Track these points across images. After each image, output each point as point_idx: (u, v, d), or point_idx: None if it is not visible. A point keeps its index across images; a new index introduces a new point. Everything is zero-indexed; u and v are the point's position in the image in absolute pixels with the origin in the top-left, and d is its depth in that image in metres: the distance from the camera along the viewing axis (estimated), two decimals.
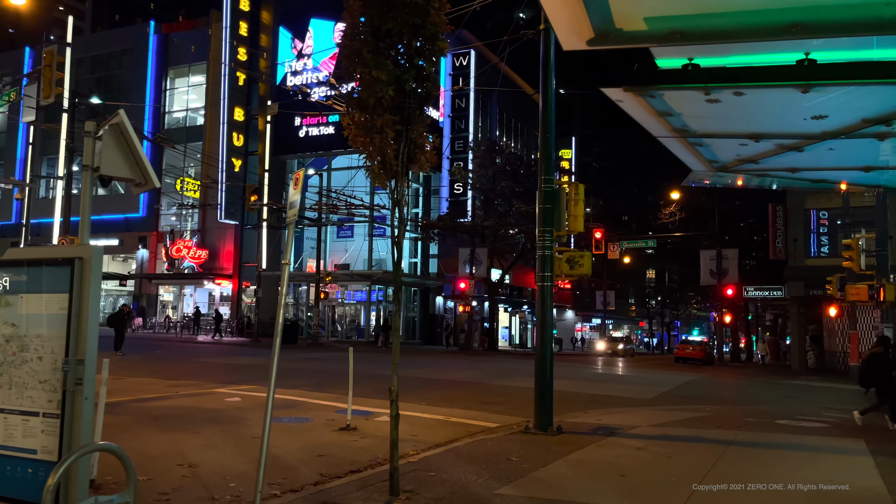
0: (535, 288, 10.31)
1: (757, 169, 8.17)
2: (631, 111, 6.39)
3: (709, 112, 6.21)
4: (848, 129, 6.22)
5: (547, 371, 10.13)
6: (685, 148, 7.46)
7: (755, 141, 6.84)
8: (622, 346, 49.57)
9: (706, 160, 7.91)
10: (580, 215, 10.31)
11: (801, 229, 29.86)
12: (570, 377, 20.39)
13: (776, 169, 8.08)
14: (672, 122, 6.52)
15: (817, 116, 6.00)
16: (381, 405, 12.25)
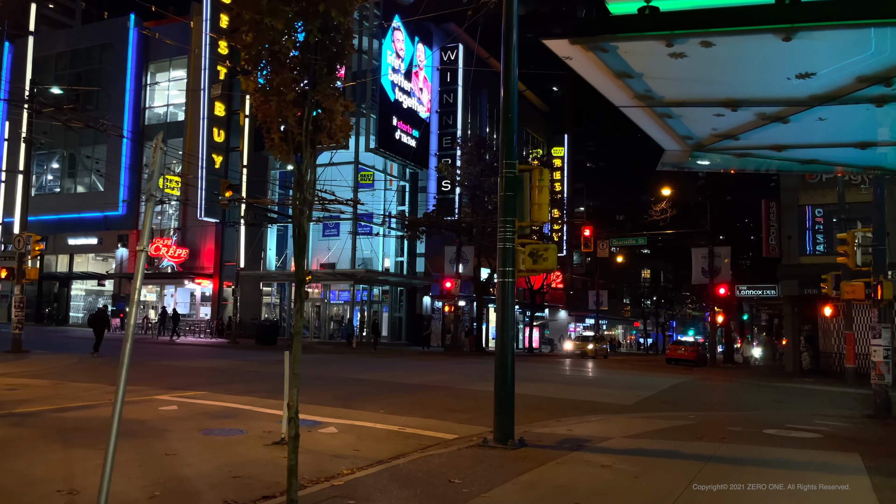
0: (497, 285, 9.27)
1: (738, 147, 7.14)
2: (583, 71, 5.35)
3: (675, 72, 5.17)
4: (840, 91, 5.20)
5: (508, 377, 9.10)
6: (654, 122, 6.42)
7: (732, 110, 5.80)
8: (592, 346, 43.66)
9: (679, 136, 6.88)
10: (545, 203, 9.29)
11: (795, 226, 28.88)
12: (551, 380, 19.38)
13: (760, 147, 7.05)
14: (633, 87, 5.48)
15: (803, 75, 4.98)
16: (336, 414, 11.24)
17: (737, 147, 7.20)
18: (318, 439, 9.04)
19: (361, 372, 19.05)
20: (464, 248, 37.37)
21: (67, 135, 45.91)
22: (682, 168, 8.45)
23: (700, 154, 7.69)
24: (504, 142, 9.43)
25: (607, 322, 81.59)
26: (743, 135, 6.63)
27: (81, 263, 46.50)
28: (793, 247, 28.59)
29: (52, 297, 47.10)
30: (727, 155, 7.66)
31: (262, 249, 40.56)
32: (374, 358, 27.02)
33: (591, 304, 61.02)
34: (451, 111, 44.52)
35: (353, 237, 38.11)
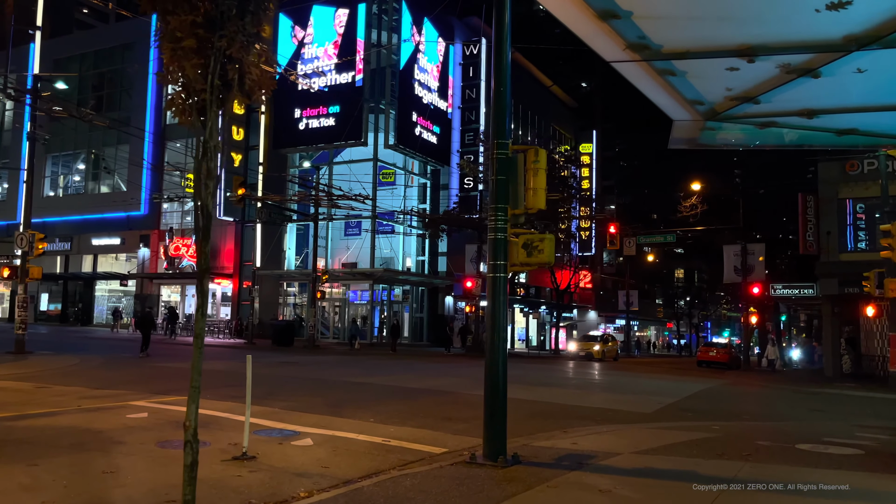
0: (488, 280, 8.22)
1: (760, 115, 5.98)
2: (560, 12, 4.27)
3: (672, 7, 4.07)
4: (883, 28, 4.06)
5: (499, 385, 8.04)
6: (655, 82, 5.31)
7: (748, 61, 4.68)
8: (598, 347, 38.15)
9: (687, 102, 5.76)
10: (541, 188, 8.20)
11: (834, 221, 27.19)
12: (567, 385, 18.22)
13: (786, 113, 5.89)
14: (623, 32, 4.40)
15: (834, 5, 3.83)
16: (320, 423, 10.28)
17: (758, 114, 6.05)
18: (287, 453, 8.09)
19: (367, 375, 18.12)
20: (485, 247, 36.20)
21: (91, 135, 46.08)
22: (697, 146, 7.30)
23: (716, 125, 6.55)
24: (495, 118, 8.38)
25: (639, 323, 79.66)
26: (765, 96, 5.48)
27: (105, 264, 46.53)
28: (832, 243, 26.91)
29: (77, 297, 47.22)
30: (748, 125, 6.50)
31: (282, 249, 39.97)
32: (388, 360, 26.09)
33: (622, 305, 59.40)
34: (473, 107, 43.45)
35: (372, 235, 37.31)
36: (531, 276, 52.42)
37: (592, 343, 38.95)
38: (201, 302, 4.29)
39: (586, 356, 37.08)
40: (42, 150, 48.51)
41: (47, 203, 48.39)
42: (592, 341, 39.58)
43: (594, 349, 37.66)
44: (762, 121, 6.19)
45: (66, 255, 47.18)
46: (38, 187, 48.61)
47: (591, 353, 37.42)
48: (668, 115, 6.36)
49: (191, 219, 42.94)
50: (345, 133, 36.63)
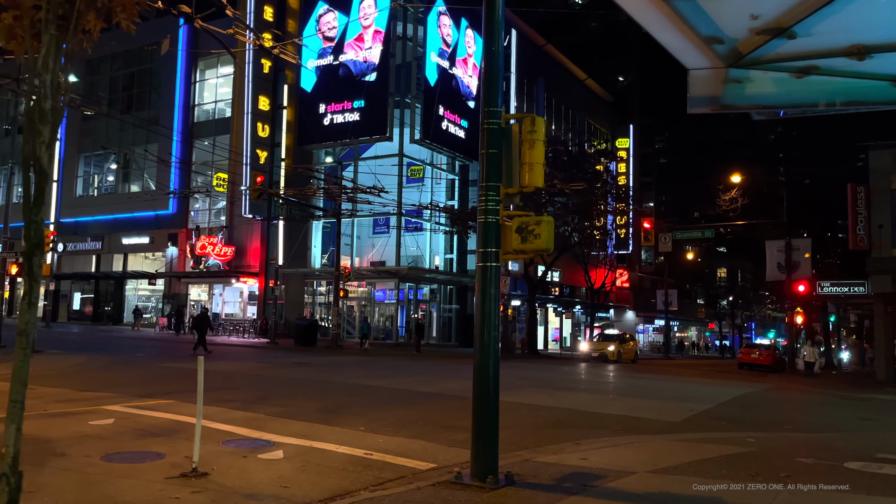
0: (477, 270, 7.10)
1: (795, 56, 4.76)
2: None
3: None
4: None
5: (489, 391, 6.93)
6: (661, 13, 4.14)
7: None
8: (614, 348, 34.14)
9: (703, 40, 4.57)
10: (539, 163, 7.07)
11: (887, 213, 25.24)
12: (591, 389, 16.92)
13: (829, 52, 4.66)
14: None
15: None
16: (303, 431, 9.22)
17: (794, 55, 4.81)
18: (247, 469, 7.09)
19: (379, 378, 17.12)
20: None
21: (122, 135, 46.20)
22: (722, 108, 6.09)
23: (741, 75, 5.33)
24: (486, 83, 7.28)
25: (679, 323, 77.30)
26: (801, 26, 4.26)
27: (136, 263, 46.57)
28: (885, 237, 25.00)
29: (109, 296, 47.39)
30: (782, 74, 5.25)
31: (307, 247, 39.31)
32: (409, 361, 25.07)
33: (660, 305, 57.38)
34: (504, 100, 42.15)
35: (398, 232, 36.38)
36: (565, 275, 50.92)
37: (607, 343, 35.09)
38: (29, 287, 3.27)
39: (600, 357, 33.58)
40: (74, 151, 49.01)
41: (80, 203, 48.76)
42: (608, 341, 35.76)
43: (609, 350, 34.01)
44: (800, 65, 4.94)
45: (97, 255, 47.40)
46: (70, 187, 49.07)
47: (605, 354, 33.80)
48: (683, 64, 5.15)
49: (223, 217, 42.68)
50: (369, 128, 35.78)
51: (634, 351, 37.26)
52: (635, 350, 37.63)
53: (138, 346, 26.57)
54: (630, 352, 36.09)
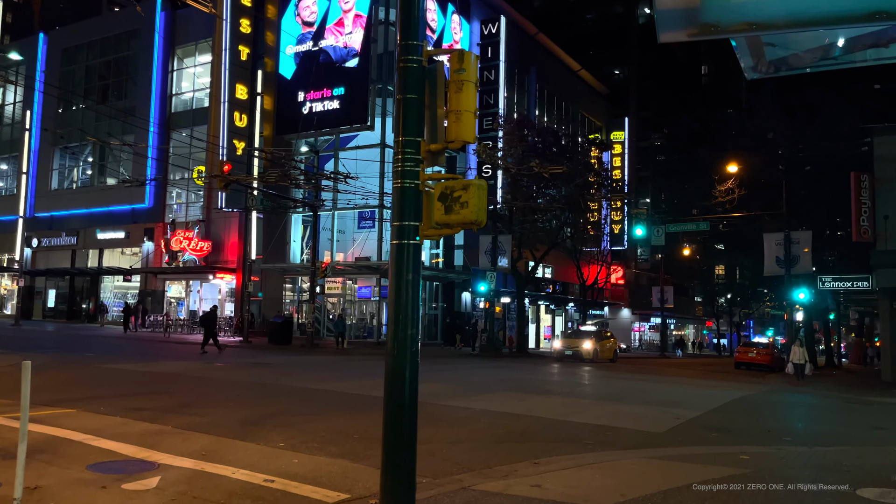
0: (391, 249, 5.53)
1: None
2: None
3: None
4: None
5: (404, 406, 5.37)
6: None
7: None
8: (590, 345, 30.13)
9: None
10: (469, 110, 5.50)
11: (893, 203, 23.69)
12: (567, 393, 15.35)
13: None
14: None
15: None
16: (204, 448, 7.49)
17: None
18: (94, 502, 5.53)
19: (336, 380, 15.55)
20: (500, 238, 33.39)
21: (98, 126, 44.54)
22: (700, 31, 4.60)
23: None
24: (402, 9, 5.68)
25: (676, 321, 75.80)
26: None
27: (112, 258, 44.99)
28: (891, 229, 23.46)
29: (85, 293, 45.79)
30: None
31: (286, 241, 37.69)
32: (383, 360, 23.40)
33: (655, 302, 55.84)
34: (492, 89, 40.61)
35: (380, 225, 34.78)
36: (558, 272, 49.36)
37: (582, 340, 30.81)
38: None
39: (574, 356, 29.60)
40: (49, 142, 47.35)
41: (55, 196, 47.17)
42: (582, 338, 31.35)
43: (584, 348, 29.84)
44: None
45: (73, 250, 45.81)
46: (45, 181, 47.46)
47: (579, 352, 29.72)
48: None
49: (198, 211, 41.06)
50: (350, 117, 34.19)
51: (613, 349, 33.52)
52: (614, 348, 33.95)
53: (101, 345, 25.01)
54: (608, 350, 32.39)
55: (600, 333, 33.37)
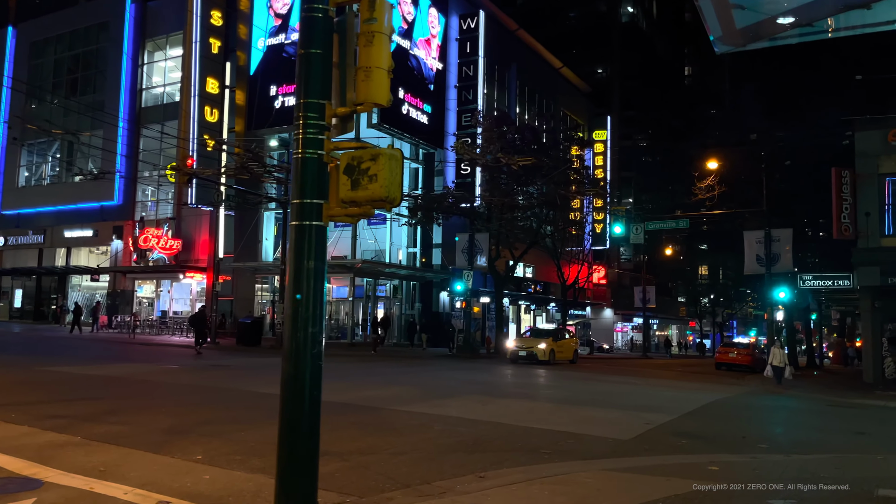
0: (290, 231, 4.68)
1: None
2: None
3: None
4: None
5: (302, 416, 4.53)
6: None
7: None
8: (544, 346, 27.20)
9: None
10: (380, 67, 4.66)
11: (875, 201, 23.12)
12: (535, 396, 14.54)
13: None
14: None
15: None
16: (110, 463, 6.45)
17: None
18: None
19: None
20: (477, 237, 32.57)
21: (66, 120, 43.24)
22: None
23: None
24: None
25: (658, 322, 75.43)
26: None
27: (81, 257, 43.72)
28: (872, 226, 22.89)
29: (52, 292, 44.47)
30: None
31: (258, 240, 36.70)
32: (353, 363, 22.57)
33: (638, 302, 55.29)
34: (471, 85, 39.82)
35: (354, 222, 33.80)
36: (539, 271, 48.66)
37: (537, 340, 27.87)
38: None
39: (528, 357, 26.76)
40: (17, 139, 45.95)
41: (23, 194, 45.87)
42: (538, 338, 28.41)
43: (539, 348, 26.92)
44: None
45: (40, 249, 44.48)
46: (12, 177, 46.11)
47: (534, 353, 26.83)
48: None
49: (169, 208, 39.92)
50: None
51: (573, 349, 30.64)
52: (574, 348, 31.02)
53: (58, 346, 23.92)
54: (567, 350, 29.63)
55: (558, 333, 30.76)
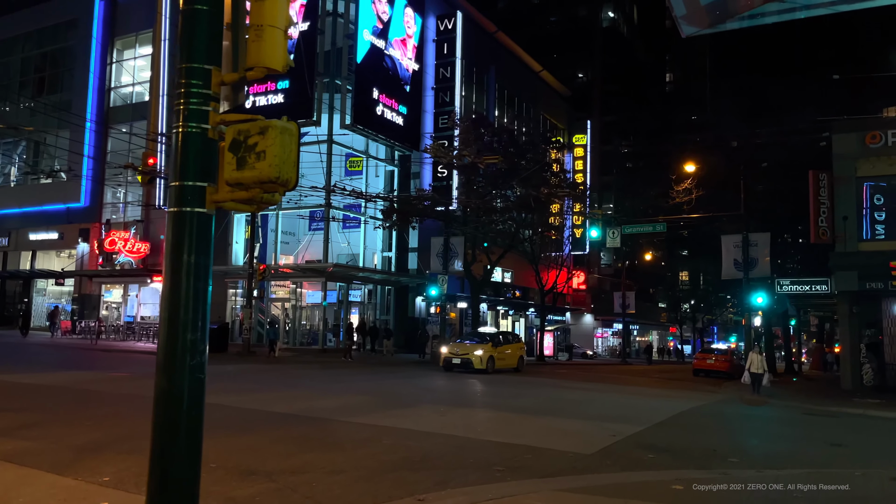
0: (168, 218, 3.96)
1: None
2: None
3: None
4: None
5: (178, 437, 3.80)
6: None
7: None
8: (481, 352, 23.90)
9: None
10: (274, 26, 3.96)
11: (852, 204, 22.73)
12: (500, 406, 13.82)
13: None
14: None
15: None
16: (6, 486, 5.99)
17: None
18: None
19: (244, 392, 13.87)
20: (453, 240, 31.90)
21: (32, 120, 42.08)
22: None
23: None
24: None
25: (639, 327, 75.17)
26: None
27: (47, 261, 42.46)
28: (850, 230, 22.50)
29: (17, 297, 43.15)
30: None
31: (228, 243, 35.74)
32: (318, 370, 21.78)
33: (617, 307, 54.91)
34: (448, 87, 39.22)
35: (326, 224, 33.06)
36: (518, 276, 48.07)
37: (473, 347, 24.40)
38: None
39: (462, 366, 23.60)
40: None
41: None
42: (476, 343, 24.87)
43: (475, 355, 23.66)
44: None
45: (4, 252, 43.17)
46: None
47: (469, 360, 23.61)
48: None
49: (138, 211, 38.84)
50: (295, 111, 32.41)
51: (518, 356, 26.90)
52: (519, 355, 27.20)
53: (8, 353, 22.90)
54: (511, 357, 26.07)
55: (500, 338, 26.80)
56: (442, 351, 25.68)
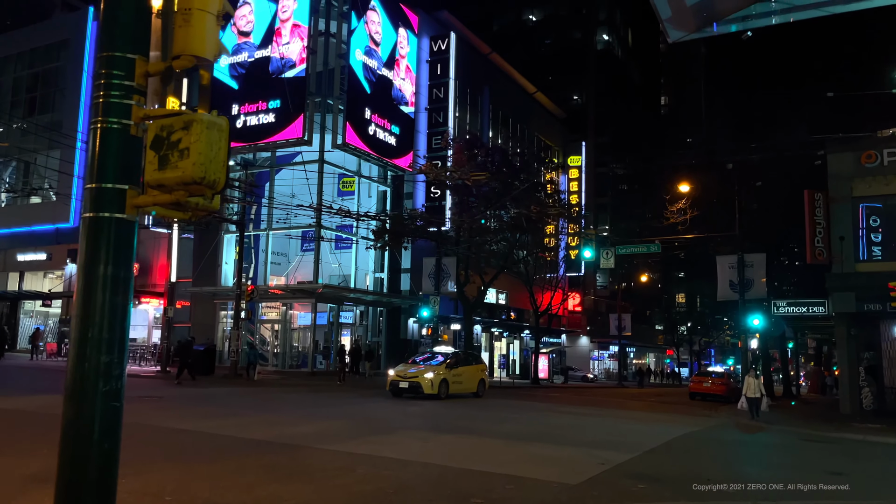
0: (82, 224, 3.52)
1: None
2: None
3: None
4: None
5: (87, 467, 3.32)
6: None
7: None
8: (431, 375, 20.94)
9: None
10: (206, 10, 3.56)
11: (849, 224, 22.38)
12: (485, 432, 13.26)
13: None
14: None
15: None
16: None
17: None
18: None
19: (219, 417, 13.34)
20: (445, 260, 31.48)
21: (23, 140, 41.80)
22: None
23: None
24: None
25: (636, 350, 74.52)
26: None
27: (35, 282, 41.91)
28: (847, 250, 22.12)
29: (4, 319, 42.48)
30: None
31: (218, 264, 35.25)
32: (305, 393, 21.17)
33: (613, 330, 54.33)
34: (441, 107, 39.06)
35: (317, 244, 32.61)
36: (512, 298, 47.54)
37: (423, 369, 21.41)
38: None
39: (410, 391, 20.81)
40: None
41: None
42: (428, 366, 21.75)
43: (425, 378, 20.78)
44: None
45: None
46: None
47: (417, 384, 20.73)
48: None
49: None
50: (285, 130, 32.18)
51: (478, 379, 23.42)
52: (480, 378, 23.61)
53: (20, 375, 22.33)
54: (469, 381, 22.83)
55: (457, 360, 23.09)
56: (389, 374, 22.46)
